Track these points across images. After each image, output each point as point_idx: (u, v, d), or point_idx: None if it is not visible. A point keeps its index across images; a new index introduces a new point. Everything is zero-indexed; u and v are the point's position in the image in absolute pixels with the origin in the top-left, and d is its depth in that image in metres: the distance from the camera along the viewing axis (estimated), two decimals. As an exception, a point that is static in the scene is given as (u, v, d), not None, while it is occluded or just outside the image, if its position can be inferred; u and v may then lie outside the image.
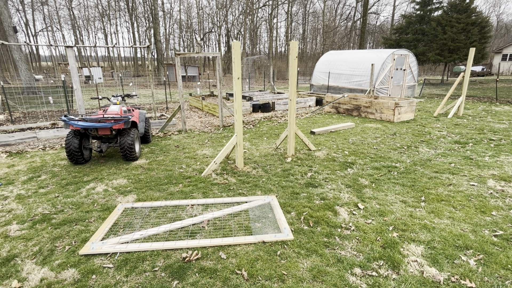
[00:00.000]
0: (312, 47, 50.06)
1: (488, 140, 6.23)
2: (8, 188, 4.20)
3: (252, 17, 40.86)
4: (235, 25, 46.40)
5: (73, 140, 4.88)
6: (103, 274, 2.44)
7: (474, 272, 2.37)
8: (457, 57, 20.82)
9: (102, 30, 46.74)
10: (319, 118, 9.16)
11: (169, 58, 44.95)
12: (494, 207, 3.42)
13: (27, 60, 19.96)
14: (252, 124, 8.41)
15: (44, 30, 44.55)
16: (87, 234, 3.02)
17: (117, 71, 31.50)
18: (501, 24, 53.07)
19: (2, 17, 14.24)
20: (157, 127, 8.03)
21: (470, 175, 4.39)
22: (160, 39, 24.88)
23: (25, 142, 6.74)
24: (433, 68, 38.24)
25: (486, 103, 11.81)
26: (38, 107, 11.49)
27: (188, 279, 2.36)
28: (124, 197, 3.85)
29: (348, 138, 6.61)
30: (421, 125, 7.86)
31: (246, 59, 21.28)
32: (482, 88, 18.65)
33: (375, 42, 49.36)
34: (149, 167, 4.97)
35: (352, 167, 4.80)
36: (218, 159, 4.68)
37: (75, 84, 6.77)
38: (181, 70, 26.33)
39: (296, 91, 5.26)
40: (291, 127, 5.28)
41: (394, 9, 42.36)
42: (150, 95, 13.55)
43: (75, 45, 6.89)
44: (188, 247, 2.76)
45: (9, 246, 2.84)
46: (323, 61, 15.66)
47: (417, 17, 23.18)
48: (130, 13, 39.20)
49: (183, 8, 51.13)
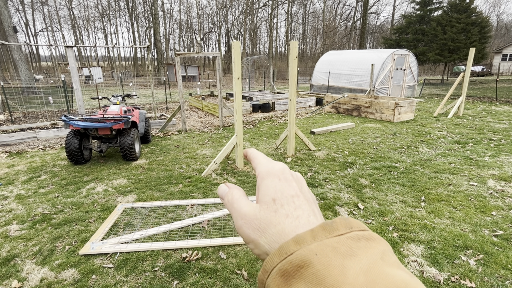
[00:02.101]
0: (312, 47, 50.09)
1: (488, 140, 6.23)
2: (8, 188, 4.20)
3: (252, 17, 40.88)
4: (235, 25, 46.43)
5: (73, 140, 4.88)
6: (103, 274, 2.44)
7: (474, 272, 2.37)
8: (457, 57, 20.82)
9: (102, 30, 46.78)
10: (319, 118, 9.16)
11: (169, 58, 44.95)
12: (494, 207, 3.42)
13: (27, 60, 19.97)
14: (252, 124, 8.41)
15: (44, 30, 44.58)
16: (87, 234, 3.02)
17: (117, 71, 31.50)
18: (501, 24, 53.10)
19: (2, 17, 14.24)
20: (157, 127, 8.03)
21: (470, 175, 4.39)
22: (160, 39, 24.89)
23: (25, 142, 6.74)
24: (433, 68, 38.25)
25: (486, 103, 11.81)
26: (38, 107, 11.49)
27: (188, 279, 2.36)
28: (124, 197, 3.85)
29: (348, 138, 6.61)
30: (421, 125, 7.86)
31: (246, 59, 21.29)
32: (482, 88, 18.65)
33: (375, 42, 49.37)
34: (149, 167, 4.97)
35: (352, 167, 4.80)
36: (218, 159, 4.68)
37: (75, 84, 6.77)
38: (181, 70, 26.31)
39: (296, 91, 5.26)
40: (291, 127, 5.28)
41: (394, 9, 42.40)
42: (150, 95, 13.55)
43: (75, 45, 6.89)
44: (188, 247, 2.76)
45: (9, 246, 2.84)
46: (323, 61, 15.66)
47: (417, 17, 23.18)
48: (130, 13, 39.22)
49: (183, 8, 51.14)
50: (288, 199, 0.29)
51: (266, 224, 0.28)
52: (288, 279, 0.24)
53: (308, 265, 0.23)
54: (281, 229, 0.28)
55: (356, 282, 0.21)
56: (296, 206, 0.29)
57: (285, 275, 0.24)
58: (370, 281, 0.21)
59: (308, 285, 0.22)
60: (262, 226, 0.28)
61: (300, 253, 0.24)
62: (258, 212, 0.29)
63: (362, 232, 0.26)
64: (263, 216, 0.29)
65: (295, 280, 0.23)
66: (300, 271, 0.23)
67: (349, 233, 0.25)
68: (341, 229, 0.26)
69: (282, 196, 0.30)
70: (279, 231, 0.27)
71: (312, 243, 0.24)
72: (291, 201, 0.29)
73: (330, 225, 0.26)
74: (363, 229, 0.26)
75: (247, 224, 0.29)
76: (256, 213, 0.29)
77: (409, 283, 0.22)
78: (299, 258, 0.24)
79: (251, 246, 0.29)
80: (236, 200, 0.32)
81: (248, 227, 0.29)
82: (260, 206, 0.30)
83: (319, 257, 0.23)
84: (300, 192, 0.31)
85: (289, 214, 0.28)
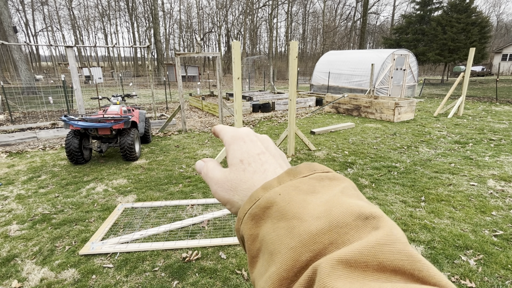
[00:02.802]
0: (312, 47, 50.10)
1: (488, 140, 6.23)
2: (8, 188, 4.20)
3: (252, 17, 40.88)
4: (235, 25, 46.43)
5: (73, 140, 4.88)
6: (103, 274, 2.44)
7: (474, 272, 2.37)
8: (457, 57, 20.82)
9: (102, 30, 46.78)
10: (319, 118, 9.16)
11: (169, 58, 44.95)
12: (494, 207, 3.42)
13: (27, 60, 19.96)
14: (252, 124, 8.41)
15: (44, 30, 44.58)
16: (87, 234, 3.02)
17: (117, 71, 31.50)
18: (501, 24, 53.10)
19: (2, 17, 14.24)
20: (157, 127, 8.03)
21: (470, 175, 4.39)
22: (160, 39, 24.89)
23: (25, 142, 6.74)
24: (433, 68, 38.24)
25: (486, 103, 11.81)
26: (38, 107, 11.49)
27: (188, 279, 2.36)
28: (124, 197, 3.85)
29: (348, 138, 6.61)
30: (421, 125, 7.86)
31: (246, 59, 21.29)
32: (482, 88, 18.65)
33: (375, 42, 49.37)
34: (149, 167, 4.97)
35: (352, 167, 4.80)
36: (218, 159, 4.68)
37: (75, 84, 6.77)
38: (181, 70, 26.33)
39: (296, 91, 5.26)
40: (291, 127, 5.28)
41: (394, 9, 42.40)
42: (150, 95, 13.54)
43: (75, 45, 6.89)
44: (188, 247, 2.76)
45: (9, 246, 2.84)
46: (323, 61, 15.65)
47: (417, 17, 23.18)
48: (130, 13, 39.22)
49: (183, 8, 51.14)
50: (255, 157, 0.31)
51: (236, 183, 0.30)
52: (258, 221, 0.26)
53: (273, 204, 0.25)
54: (251, 184, 0.29)
55: (315, 212, 0.23)
56: (263, 162, 0.31)
57: (255, 218, 0.26)
58: (327, 209, 0.23)
59: (273, 221, 0.25)
60: (233, 185, 0.30)
61: (266, 196, 0.26)
62: (229, 174, 0.31)
63: (325, 173, 0.28)
64: (233, 177, 0.31)
65: (263, 221, 0.25)
66: (267, 211, 0.25)
67: (312, 175, 0.27)
68: (305, 172, 0.28)
69: (249, 155, 0.31)
70: (249, 186, 0.29)
71: (277, 187, 0.26)
72: (257, 158, 0.31)
73: (294, 170, 0.28)
74: (327, 171, 0.28)
75: (221, 187, 0.31)
76: (226, 175, 0.31)
77: (363, 207, 0.23)
78: (265, 201, 0.26)
79: (228, 206, 0.31)
80: (210, 170, 0.33)
81: (222, 190, 0.31)
82: (230, 169, 0.32)
83: (282, 196, 0.25)
84: (265, 150, 0.32)
85: (257, 170, 0.30)
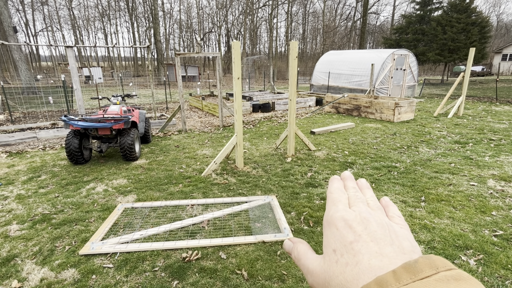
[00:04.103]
0: (312, 47, 50.09)
1: (488, 140, 6.23)
2: (8, 188, 4.20)
3: (252, 17, 40.87)
4: (235, 25, 46.43)
5: (73, 140, 4.88)
6: (103, 274, 2.44)
7: (474, 272, 2.37)
8: (457, 57, 20.82)
9: (102, 30, 46.77)
10: (319, 118, 9.16)
11: (169, 58, 44.95)
12: (494, 207, 3.42)
13: (27, 60, 19.97)
14: (252, 124, 8.41)
15: (44, 30, 44.57)
16: (87, 234, 3.02)
17: (117, 71, 31.50)
18: (501, 24, 53.08)
19: (2, 17, 14.24)
20: (157, 127, 8.03)
21: (470, 175, 4.39)
22: (160, 39, 24.88)
23: (25, 142, 6.74)
24: (433, 68, 38.23)
25: (486, 103, 11.81)
26: (38, 107, 11.49)
27: (188, 279, 2.36)
28: (124, 197, 3.85)
29: (348, 138, 6.61)
30: (421, 125, 7.86)
31: (246, 59, 21.29)
32: (482, 88, 18.65)
33: (375, 42, 49.36)
34: (149, 167, 4.97)
35: (352, 167, 4.80)
36: (218, 159, 4.68)
37: (75, 84, 6.77)
38: (181, 70, 26.31)
39: (296, 91, 5.26)
40: (291, 127, 5.28)
41: (394, 9, 42.38)
42: (150, 95, 13.55)
43: (75, 45, 6.89)
44: (188, 247, 2.76)
45: (9, 246, 2.84)
46: (323, 61, 15.65)
47: (417, 17, 23.18)
48: (130, 13, 39.20)
49: (183, 8, 51.12)
50: (347, 247, 0.29)
51: (329, 276, 0.29)
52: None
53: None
54: (342, 279, 0.28)
55: None
56: (356, 252, 0.29)
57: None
58: None
59: None
60: (327, 279, 0.29)
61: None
62: (323, 265, 0.30)
63: (449, 271, 0.24)
64: (327, 268, 0.30)
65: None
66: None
67: (436, 275, 0.23)
68: (427, 271, 0.24)
69: (341, 245, 0.30)
70: (341, 281, 0.28)
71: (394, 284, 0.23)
72: (349, 248, 0.29)
73: (414, 266, 0.24)
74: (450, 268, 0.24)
75: (316, 281, 0.30)
76: (322, 265, 0.31)
77: None
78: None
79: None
80: (302, 256, 0.33)
81: (318, 284, 0.30)
82: (324, 259, 0.31)
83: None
84: (362, 233, 0.30)
85: (349, 262, 0.28)
